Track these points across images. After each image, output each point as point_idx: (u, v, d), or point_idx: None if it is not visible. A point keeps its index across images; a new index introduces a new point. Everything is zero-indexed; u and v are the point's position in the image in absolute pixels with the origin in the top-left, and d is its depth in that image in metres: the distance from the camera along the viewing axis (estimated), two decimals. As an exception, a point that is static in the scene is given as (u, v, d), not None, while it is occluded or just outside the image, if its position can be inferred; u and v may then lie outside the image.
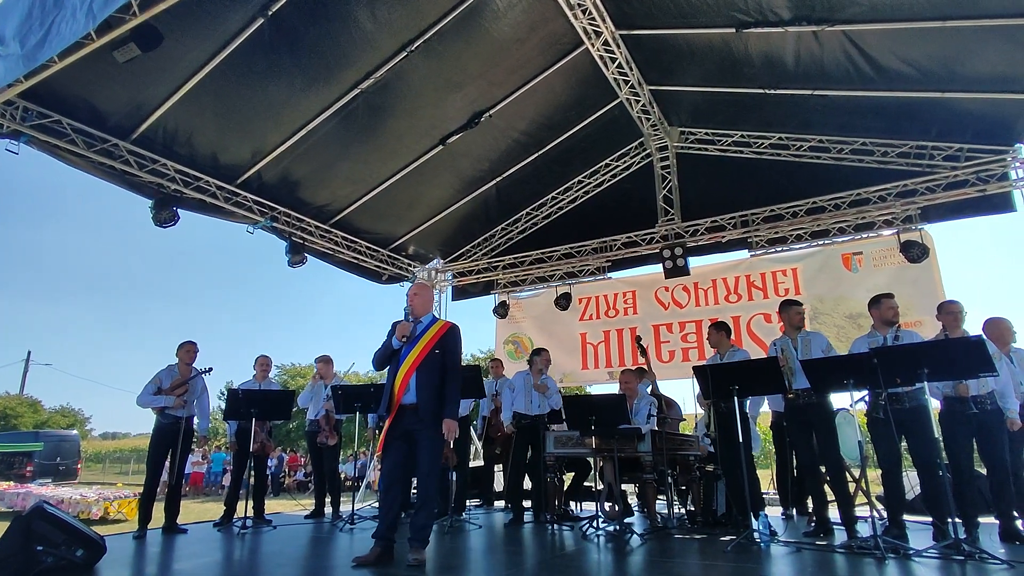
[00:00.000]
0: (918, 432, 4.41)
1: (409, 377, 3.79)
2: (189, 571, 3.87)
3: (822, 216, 8.21)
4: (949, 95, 6.45)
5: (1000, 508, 4.52)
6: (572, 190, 9.60)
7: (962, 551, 3.72)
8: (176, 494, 5.62)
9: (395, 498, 3.83)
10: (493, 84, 7.18)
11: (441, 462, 4.00)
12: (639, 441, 5.16)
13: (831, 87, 6.85)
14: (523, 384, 6.10)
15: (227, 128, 6.60)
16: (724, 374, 4.66)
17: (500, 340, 10.64)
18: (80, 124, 5.91)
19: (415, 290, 4.05)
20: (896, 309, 4.74)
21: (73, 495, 11.09)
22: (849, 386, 4.21)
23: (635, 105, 7.89)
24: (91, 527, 3.93)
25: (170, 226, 6.74)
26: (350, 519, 5.71)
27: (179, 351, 5.76)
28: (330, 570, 3.78)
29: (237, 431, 6.14)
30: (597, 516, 5.02)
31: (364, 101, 6.65)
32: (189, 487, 17.94)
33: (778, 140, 8.13)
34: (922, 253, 7.50)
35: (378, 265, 9.82)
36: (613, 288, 9.81)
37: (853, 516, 4.60)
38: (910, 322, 7.06)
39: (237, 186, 7.40)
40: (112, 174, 6.33)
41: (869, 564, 3.67)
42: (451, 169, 8.42)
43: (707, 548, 4.39)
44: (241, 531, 5.32)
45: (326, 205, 8.43)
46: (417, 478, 3.75)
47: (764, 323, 8.46)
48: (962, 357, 3.99)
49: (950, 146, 7.34)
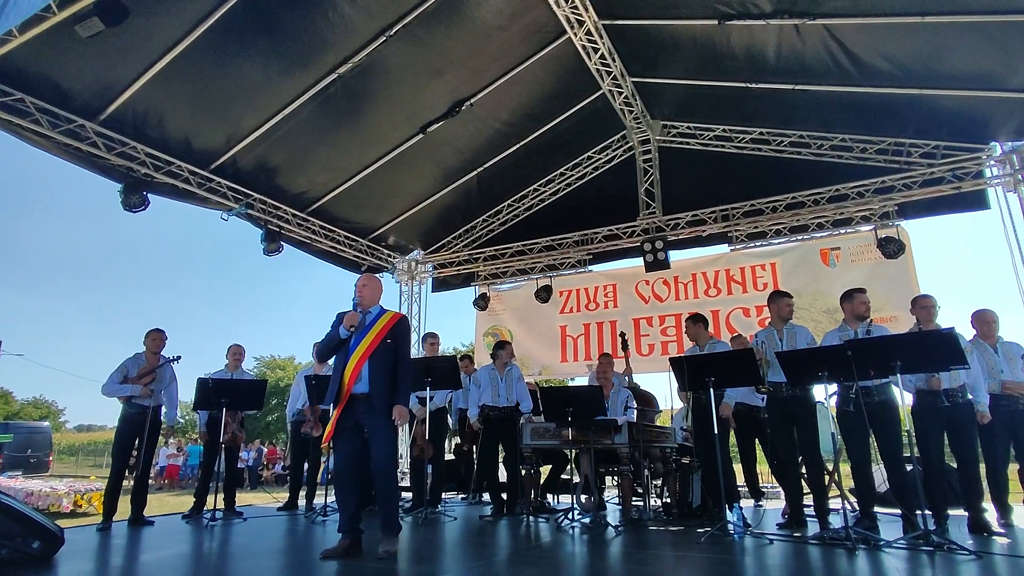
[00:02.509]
0: (886, 426, 4.45)
1: (361, 366, 3.75)
2: (151, 563, 3.76)
3: (801, 211, 8.26)
4: (927, 92, 6.50)
5: (969, 500, 4.58)
6: (554, 182, 9.55)
7: (931, 542, 3.75)
8: (143, 486, 5.47)
9: (350, 489, 3.77)
10: (475, 72, 7.08)
11: (396, 452, 3.93)
12: (616, 433, 5.14)
13: (812, 82, 6.87)
14: (488, 378, 6.06)
15: (200, 111, 6.42)
16: (700, 366, 4.64)
17: (480, 332, 10.58)
18: (45, 104, 5.70)
19: (364, 281, 4.02)
20: (868, 304, 4.76)
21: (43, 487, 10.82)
22: (823, 378, 4.22)
23: (618, 97, 7.85)
24: (59, 520, 3.80)
25: (140, 211, 6.56)
26: (322, 511, 5.62)
27: (146, 339, 5.62)
28: (299, 563, 3.70)
29: (208, 421, 6.00)
30: (573, 508, 5.00)
31: (342, 86, 6.52)
32: (165, 480, 17.66)
33: (759, 135, 8.15)
34: (898, 249, 7.58)
35: (357, 255, 9.68)
36: (594, 281, 9.79)
37: (826, 508, 4.63)
38: (885, 317, 7.14)
39: (211, 171, 7.22)
40: (79, 156, 6.13)
41: (840, 555, 3.68)
42: (432, 158, 8.31)
43: (681, 540, 4.38)
44: (210, 523, 5.21)
45: (303, 193, 8.28)
46: (374, 471, 3.68)
47: (743, 317, 8.50)
48: (935, 350, 4.01)
49: (927, 143, 7.41)
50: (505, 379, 6.03)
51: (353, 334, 3.82)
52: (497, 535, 4.80)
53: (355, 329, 3.81)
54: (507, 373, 6.07)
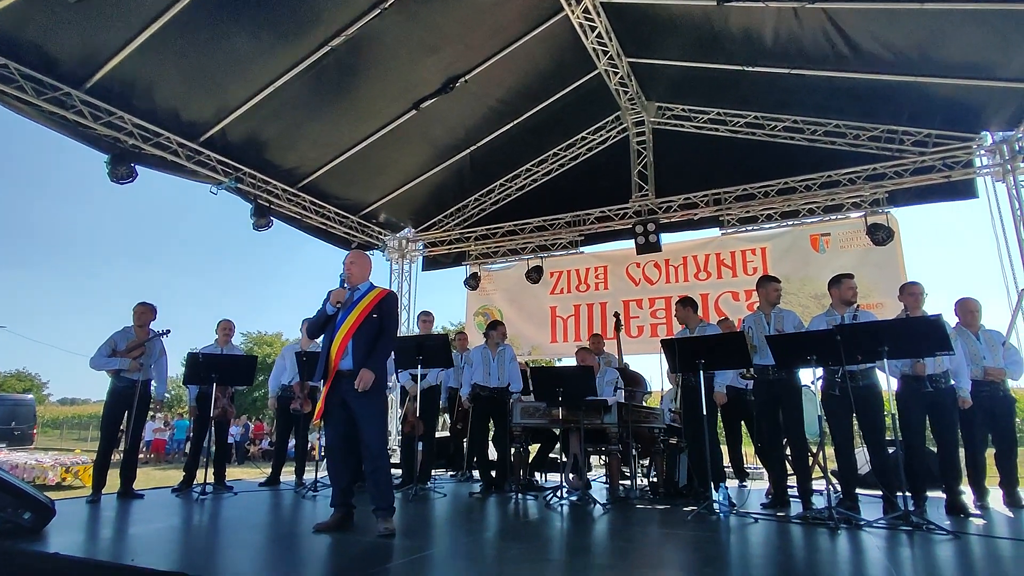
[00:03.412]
0: (869, 409, 4.55)
1: (346, 343, 3.74)
2: (143, 535, 3.77)
3: (793, 197, 8.30)
4: (922, 80, 6.51)
5: (947, 483, 4.70)
6: (547, 162, 9.51)
7: (911, 522, 3.86)
8: (132, 459, 5.46)
9: (341, 463, 3.80)
10: (470, 48, 6.98)
11: (386, 430, 3.95)
12: (605, 413, 5.20)
13: (808, 66, 6.86)
14: (480, 357, 6.09)
15: (189, 82, 6.28)
16: (691, 348, 4.69)
17: (470, 312, 10.59)
18: (29, 70, 5.56)
19: (352, 258, 3.99)
20: (855, 290, 4.82)
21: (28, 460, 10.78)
22: (812, 362, 4.28)
23: (613, 77, 7.78)
24: (45, 493, 3.79)
25: (127, 183, 6.44)
26: (312, 486, 5.66)
27: (134, 313, 5.56)
28: (291, 536, 3.73)
29: (198, 396, 5.99)
30: (561, 486, 5.06)
31: (335, 60, 6.40)
32: (151, 454, 17.66)
33: (753, 119, 8.14)
34: (887, 236, 7.66)
35: (347, 232, 9.61)
36: (585, 263, 9.80)
37: (810, 489, 4.73)
38: (872, 304, 7.23)
39: (200, 144, 7.10)
40: (64, 125, 5.99)
41: (822, 534, 3.77)
42: (424, 136, 8.23)
43: (667, 518, 4.47)
44: (200, 497, 5.22)
45: (294, 168, 8.17)
46: (364, 452, 3.68)
47: (732, 301, 8.57)
48: (922, 336, 4.08)
49: (919, 131, 7.45)
50: (497, 359, 6.06)
51: (340, 310, 3.80)
52: (486, 512, 4.86)
53: (342, 306, 3.80)
54: (499, 353, 6.09)
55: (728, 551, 3.43)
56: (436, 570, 2.91)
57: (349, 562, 3.03)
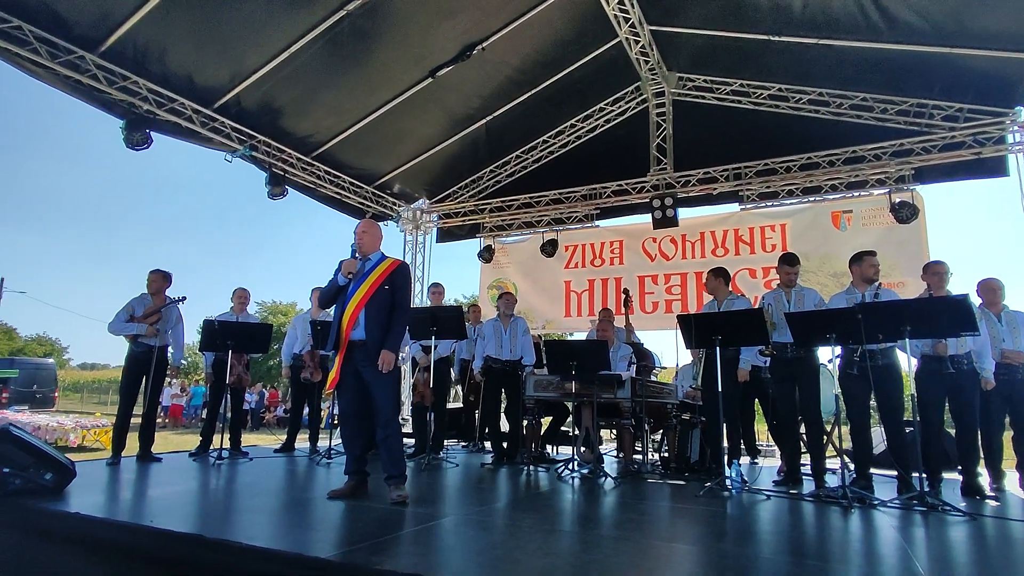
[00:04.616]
0: (887, 389, 4.49)
1: (357, 313, 3.72)
2: (160, 497, 3.84)
3: (815, 172, 8.10)
4: (956, 51, 6.26)
5: (964, 464, 4.65)
6: (564, 134, 9.34)
7: (925, 503, 3.83)
8: (150, 423, 5.55)
9: (354, 431, 3.82)
10: (487, 14, 6.81)
11: (398, 396, 3.96)
12: (619, 387, 5.18)
13: (837, 36, 6.62)
14: (493, 330, 6.07)
15: (203, 46, 6.20)
16: (707, 324, 4.63)
17: (484, 285, 10.56)
18: (43, 32, 5.51)
19: (363, 227, 3.94)
20: (877, 267, 4.72)
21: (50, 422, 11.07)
22: (831, 340, 4.21)
23: (634, 46, 7.58)
24: (66, 454, 3.87)
25: (143, 149, 6.43)
26: (327, 454, 5.73)
27: (148, 280, 5.60)
28: (306, 502, 3.78)
29: (214, 363, 6.06)
30: (572, 459, 5.08)
31: (350, 24, 6.27)
32: (168, 419, 18.05)
33: (777, 91, 7.91)
34: (912, 214, 7.47)
35: (361, 202, 9.57)
36: (600, 237, 9.70)
37: (823, 467, 4.70)
38: (893, 283, 7.10)
39: (214, 110, 7.05)
40: (79, 89, 5.96)
41: (835, 512, 3.76)
42: (440, 104, 8.10)
43: (678, 493, 4.47)
44: (217, 462, 5.32)
45: (309, 136, 8.11)
46: (376, 422, 3.70)
47: (749, 278, 8.45)
48: (946, 316, 3.99)
49: (951, 105, 7.20)
50: (509, 332, 6.04)
51: (351, 281, 3.78)
52: (497, 482, 4.90)
53: (353, 276, 3.78)
54: (512, 326, 6.07)
55: (739, 526, 3.43)
56: (447, 537, 2.93)
57: (362, 528, 3.06)
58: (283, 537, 2.90)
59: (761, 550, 2.88)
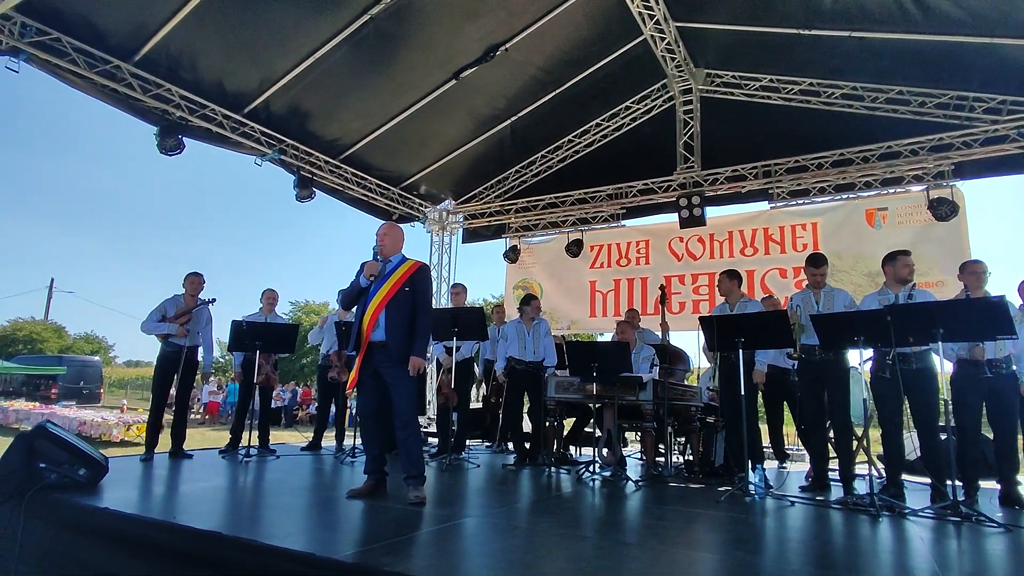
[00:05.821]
0: (922, 394, 4.34)
1: (378, 314, 3.77)
2: (187, 494, 3.96)
3: (848, 169, 7.86)
4: (998, 41, 5.99)
5: (1003, 472, 4.46)
6: (589, 133, 9.27)
7: (959, 512, 3.68)
8: (181, 421, 5.72)
9: (373, 432, 3.87)
10: (511, 14, 6.81)
11: (416, 399, 3.99)
12: (640, 389, 5.12)
13: (871, 28, 6.41)
14: (515, 332, 6.07)
15: (232, 53, 6.37)
16: (730, 326, 4.54)
17: (510, 285, 10.57)
18: (81, 43, 5.74)
19: (385, 230, 3.99)
20: (912, 267, 4.56)
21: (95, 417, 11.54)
22: (859, 343, 4.08)
23: (660, 43, 7.48)
24: (108, 449, 4.02)
25: (176, 154, 6.63)
26: (351, 452, 5.81)
27: (184, 282, 5.76)
28: (326, 501, 3.84)
29: (243, 362, 6.20)
30: (594, 461, 5.05)
31: (375, 28, 6.35)
32: (207, 415, 18.62)
33: (808, 86, 7.70)
34: (951, 211, 7.20)
35: (388, 204, 9.68)
36: (626, 236, 9.60)
37: (852, 473, 4.57)
38: (931, 282, 6.86)
39: (244, 116, 7.23)
40: (115, 97, 6.18)
41: (862, 521, 3.64)
42: (465, 106, 8.14)
43: (701, 497, 4.40)
44: (245, 459, 5.44)
45: (336, 139, 8.24)
46: (396, 422, 3.74)
47: (779, 278, 8.25)
48: (982, 318, 3.82)
49: (993, 98, 6.90)
50: (532, 333, 6.03)
51: (373, 283, 3.83)
52: (519, 483, 4.90)
53: (374, 278, 3.83)
54: (534, 328, 6.06)
55: (760, 533, 3.35)
56: (461, 539, 2.94)
57: (378, 528, 3.10)
58: (299, 535, 2.95)
59: (780, 559, 2.81)
